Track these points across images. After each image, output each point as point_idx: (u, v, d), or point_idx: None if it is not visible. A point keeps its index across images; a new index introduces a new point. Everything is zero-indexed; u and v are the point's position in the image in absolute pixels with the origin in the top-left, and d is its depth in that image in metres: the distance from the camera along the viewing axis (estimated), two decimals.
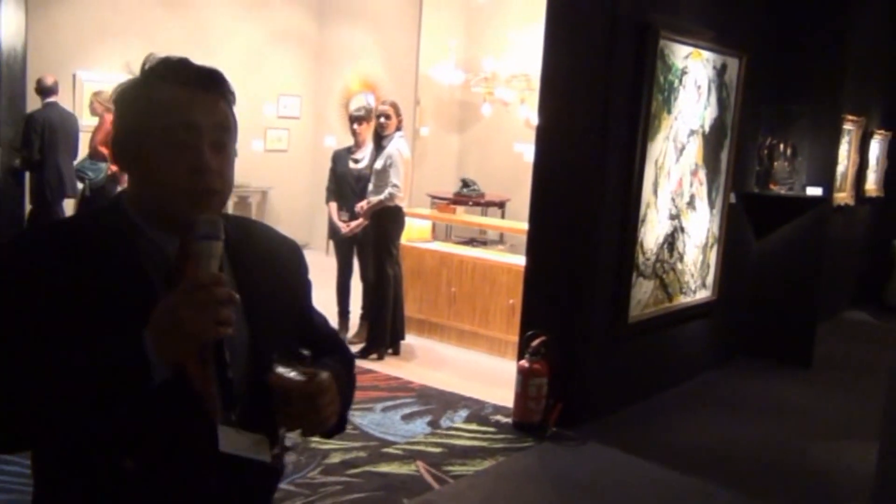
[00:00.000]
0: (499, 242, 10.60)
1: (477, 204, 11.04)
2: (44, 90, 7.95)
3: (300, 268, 1.66)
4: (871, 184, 9.63)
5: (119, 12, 8.91)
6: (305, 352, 1.44)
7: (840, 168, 8.18)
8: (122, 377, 1.29)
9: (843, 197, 8.57)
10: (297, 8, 10.68)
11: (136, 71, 1.46)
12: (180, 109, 1.40)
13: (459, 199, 10.89)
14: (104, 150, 7.72)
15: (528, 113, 11.16)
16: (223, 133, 1.43)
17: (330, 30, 10.92)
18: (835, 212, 7.87)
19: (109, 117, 7.59)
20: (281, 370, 1.40)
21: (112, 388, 1.29)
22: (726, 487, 4.54)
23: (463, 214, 9.49)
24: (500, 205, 11.50)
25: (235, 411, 1.41)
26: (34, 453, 1.45)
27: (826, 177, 7.03)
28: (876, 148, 9.51)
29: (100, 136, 7.91)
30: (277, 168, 10.52)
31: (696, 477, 4.64)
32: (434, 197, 11.12)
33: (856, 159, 8.94)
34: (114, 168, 7.60)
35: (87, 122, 8.54)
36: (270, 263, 1.57)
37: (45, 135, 7.75)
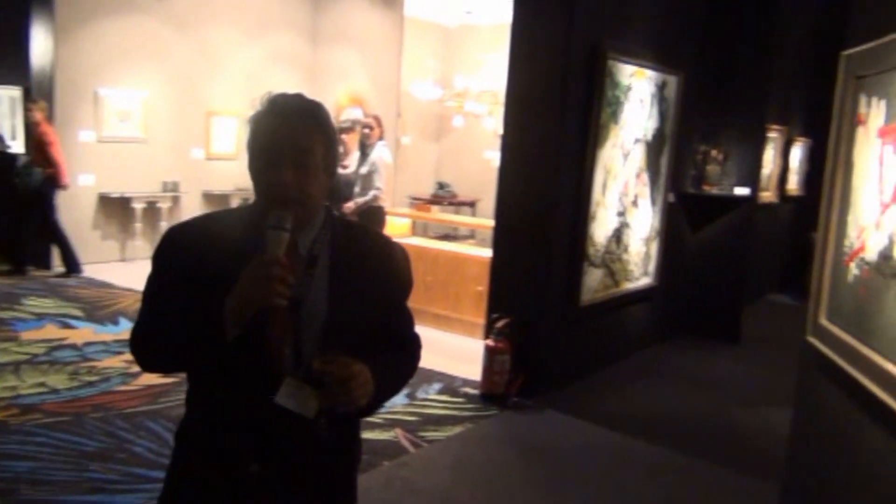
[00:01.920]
0: (470, 237, 10.59)
1: (451, 203, 11.05)
2: None
3: (400, 270, 1.76)
4: (793, 184, 9.69)
5: (136, 35, 8.79)
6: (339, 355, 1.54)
7: (765, 171, 8.24)
8: (208, 330, 1.51)
9: (768, 196, 8.62)
10: (293, 31, 10.59)
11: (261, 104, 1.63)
12: (268, 136, 1.58)
13: (436, 200, 10.89)
14: (42, 154, 7.47)
15: (495, 124, 11.15)
16: (301, 154, 1.57)
17: (322, 51, 10.84)
18: (760, 209, 7.92)
19: (46, 126, 7.47)
20: (323, 358, 1.52)
21: (204, 338, 1.52)
22: (666, 448, 4.55)
23: (438, 213, 9.46)
24: (472, 204, 11.51)
25: (302, 367, 1.57)
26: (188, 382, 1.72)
27: (752, 179, 7.07)
28: (797, 153, 9.58)
29: (35, 142, 7.59)
30: None
31: (640, 440, 4.65)
32: (414, 198, 11.11)
33: (779, 163, 9.00)
34: (49, 171, 7.43)
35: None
36: (367, 262, 1.69)
37: None
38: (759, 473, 4.24)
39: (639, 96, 5.73)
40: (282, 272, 1.47)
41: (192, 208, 9.53)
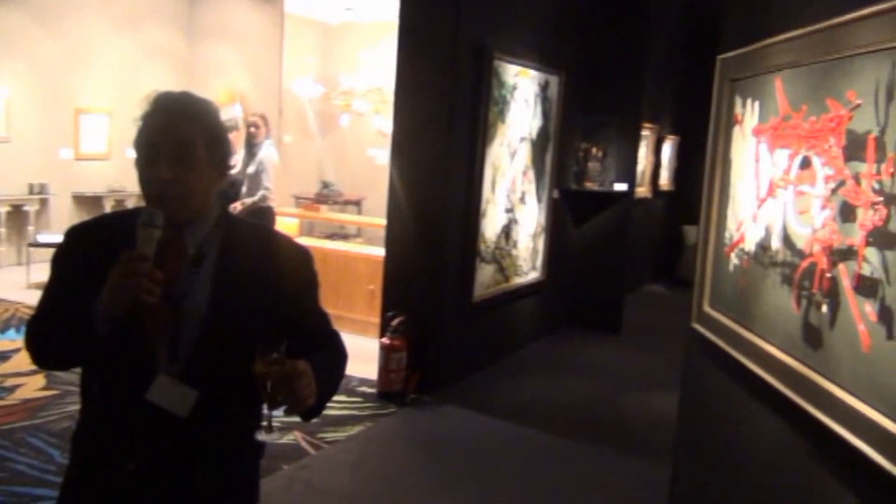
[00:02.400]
0: (357, 236, 10.57)
1: (336, 202, 10.97)
2: None
3: (299, 272, 1.73)
4: (664, 180, 10.21)
5: None
6: (282, 344, 1.50)
7: (640, 167, 8.64)
8: (81, 325, 1.51)
9: (642, 191, 9.05)
10: (167, 26, 10.21)
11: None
12: (149, 133, 1.59)
13: (321, 199, 10.79)
14: None
15: (380, 123, 11.17)
16: (180, 149, 1.56)
17: (199, 47, 10.51)
18: (636, 204, 8.31)
19: None
20: (261, 359, 1.48)
21: (78, 333, 1.53)
22: (560, 436, 4.73)
23: (327, 212, 9.39)
24: (357, 203, 11.47)
25: (178, 365, 1.58)
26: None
27: (629, 175, 7.41)
28: (667, 150, 10.10)
29: None
30: None
31: (535, 429, 4.81)
32: (298, 197, 10.96)
33: (652, 159, 9.47)
34: None
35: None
36: (260, 261, 1.67)
37: None
38: (648, 455, 4.47)
39: (524, 96, 5.90)
40: (148, 268, 1.47)
41: (61, 211, 9.04)
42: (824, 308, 2.03)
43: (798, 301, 2.20)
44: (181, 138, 1.56)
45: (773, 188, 2.45)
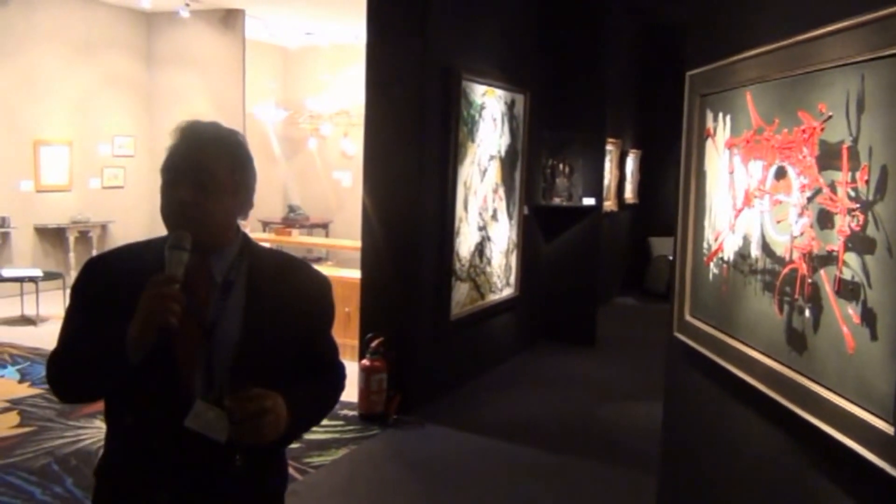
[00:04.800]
0: (326, 259, 10.56)
1: (304, 226, 10.97)
2: None
3: (319, 300, 1.79)
4: (629, 193, 10.39)
5: None
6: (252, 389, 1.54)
7: (605, 181, 8.79)
8: (113, 355, 1.52)
9: (609, 205, 9.20)
10: (125, 53, 10.14)
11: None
12: (172, 158, 1.62)
13: (289, 223, 10.78)
14: None
15: (346, 145, 11.24)
16: (201, 173, 1.60)
17: (158, 73, 10.46)
18: (604, 217, 8.45)
19: None
20: (235, 394, 1.52)
21: (109, 363, 1.54)
22: (543, 450, 4.78)
23: (298, 236, 9.40)
24: (324, 226, 11.49)
25: (213, 391, 1.59)
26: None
27: (596, 189, 7.54)
28: (630, 163, 10.29)
29: None
30: (116, 203, 9.94)
31: (518, 444, 4.85)
32: (265, 222, 10.94)
33: (616, 173, 9.64)
34: None
35: None
36: (286, 289, 1.72)
37: None
38: (632, 465, 4.54)
39: (491, 114, 6.00)
40: (175, 291, 1.49)
41: (23, 244, 8.91)
42: (807, 313, 2.12)
43: (780, 307, 2.28)
44: (203, 163, 1.60)
45: (750, 198, 2.54)
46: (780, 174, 2.32)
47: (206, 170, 1.60)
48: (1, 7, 8.58)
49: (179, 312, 1.49)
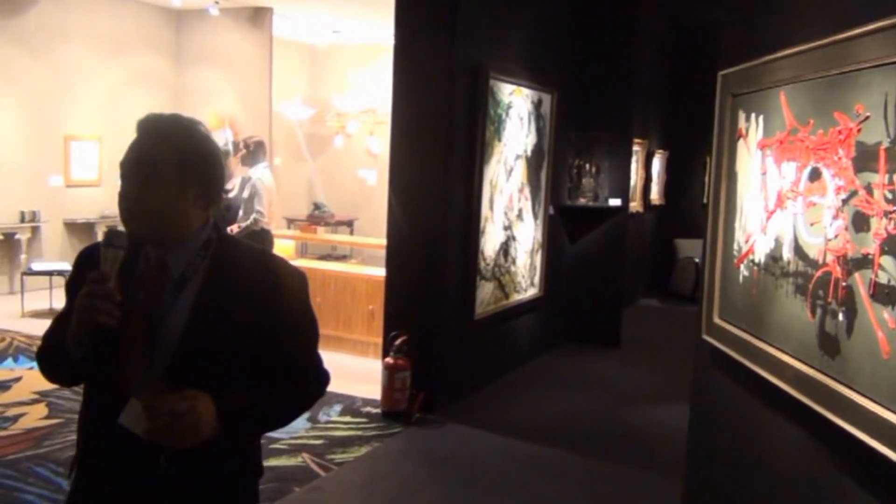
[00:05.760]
0: (350, 256, 10.59)
1: (328, 224, 11.01)
2: None
3: (285, 298, 1.66)
4: (655, 194, 10.32)
5: None
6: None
7: (631, 182, 8.73)
8: (61, 350, 1.58)
9: (634, 206, 9.14)
10: (154, 51, 10.25)
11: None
12: (125, 153, 1.61)
13: (313, 220, 10.82)
14: None
15: (371, 143, 11.27)
16: (145, 167, 1.57)
17: (187, 71, 10.56)
18: (629, 218, 8.39)
19: None
20: (153, 396, 1.48)
21: (60, 354, 1.59)
22: (567, 451, 4.76)
23: (324, 233, 9.45)
24: (349, 223, 11.52)
25: (150, 389, 1.53)
26: None
27: (623, 190, 7.50)
28: (657, 164, 10.21)
29: None
30: None
31: (541, 444, 4.83)
32: (290, 219, 11.00)
33: (642, 174, 9.57)
34: None
35: None
36: (247, 286, 1.63)
37: None
38: (657, 468, 4.51)
39: (518, 114, 5.98)
40: (105, 289, 1.48)
41: (53, 239, 9.02)
42: (841, 316, 2.09)
43: (813, 310, 2.25)
44: (146, 156, 1.57)
45: (782, 200, 2.51)
46: (815, 176, 2.29)
47: (151, 163, 1.56)
48: (34, 5, 8.70)
49: (112, 310, 1.47)
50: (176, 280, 1.60)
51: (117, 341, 1.54)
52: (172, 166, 1.57)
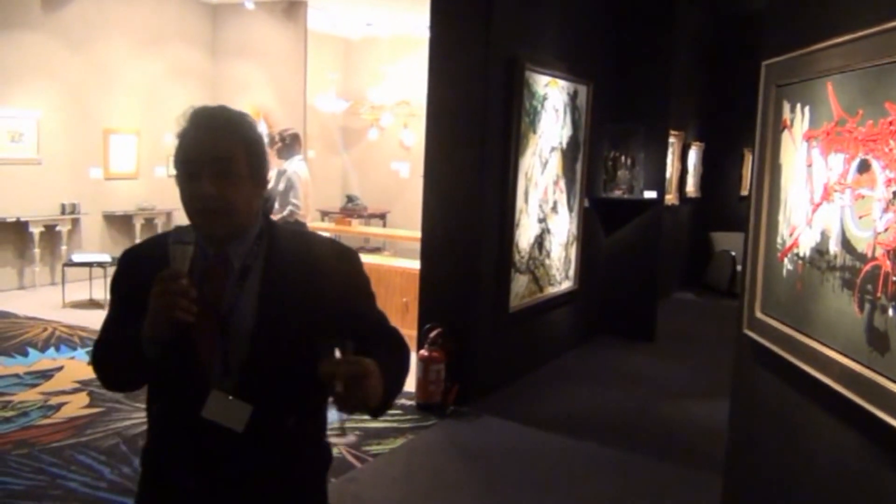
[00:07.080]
0: (383, 249, 10.63)
1: (361, 216, 11.06)
2: None
3: (348, 273, 1.69)
4: (691, 186, 10.20)
5: (29, 55, 8.38)
6: (348, 342, 1.46)
7: (667, 174, 8.63)
8: (134, 351, 1.54)
9: (670, 198, 9.04)
10: (191, 45, 10.35)
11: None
12: (188, 149, 1.58)
13: (347, 213, 10.87)
14: None
15: (405, 136, 11.29)
16: (221, 163, 1.55)
17: (223, 65, 10.65)
18: (665, 210, 8.30)
19: None
20: (328, 359, 1.45)
21: (132, 358, 1.56)
22: (602, 445, 4.72)
23: (358, 226, 9.50)
24: (382, 216, 11.56)
25: (231, 380, 1.57)
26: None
27: (658, 182, 7.41)
28: (693, 156, 10.09)
29: None
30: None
31: (576, 438, 4.81)
32: (324, 212, 11.06)
33: (678, 166, 9.46)
34: None
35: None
36: (307, 269, 1.64)
37: None
38: (694, 463, 4.46)
39: (553, 105, 5.93)
40: (181, 286, 1.46)
41: (93, 231, 9.17)
42: (891, 311, 2.03)
43: (861, 305, 2.20)
44: (221, 152, 1.55)
45: (829, 192, 2.45)
46: (864, 168, 2.23)
47: (226, 159, 1.55)
48: (74, 0, 8.83)
49: (189, 306, 1.47)
50: (238, 271, 1.61)
51: (190, 337, 1.54)
52: (244, 161, 1.57)
